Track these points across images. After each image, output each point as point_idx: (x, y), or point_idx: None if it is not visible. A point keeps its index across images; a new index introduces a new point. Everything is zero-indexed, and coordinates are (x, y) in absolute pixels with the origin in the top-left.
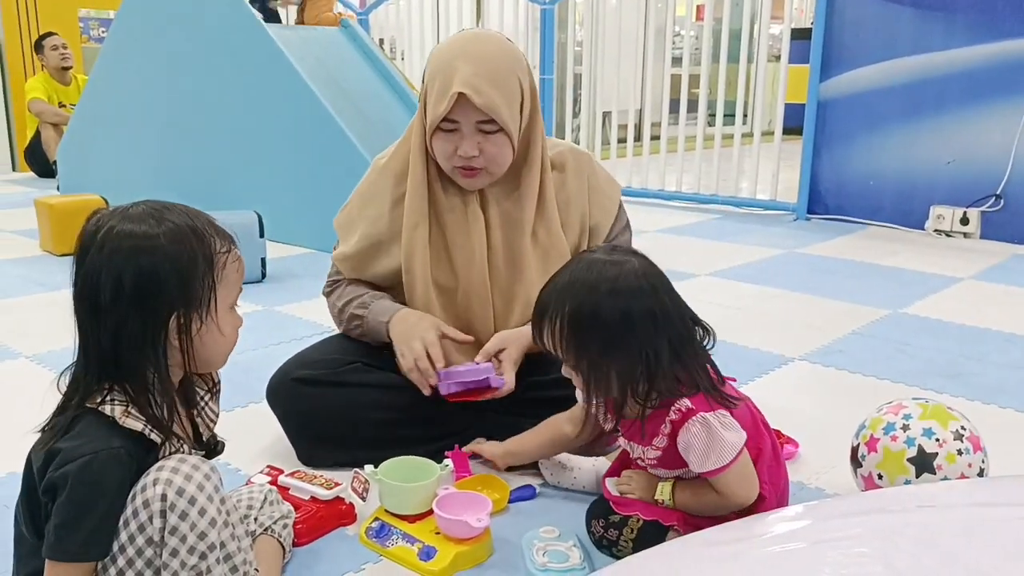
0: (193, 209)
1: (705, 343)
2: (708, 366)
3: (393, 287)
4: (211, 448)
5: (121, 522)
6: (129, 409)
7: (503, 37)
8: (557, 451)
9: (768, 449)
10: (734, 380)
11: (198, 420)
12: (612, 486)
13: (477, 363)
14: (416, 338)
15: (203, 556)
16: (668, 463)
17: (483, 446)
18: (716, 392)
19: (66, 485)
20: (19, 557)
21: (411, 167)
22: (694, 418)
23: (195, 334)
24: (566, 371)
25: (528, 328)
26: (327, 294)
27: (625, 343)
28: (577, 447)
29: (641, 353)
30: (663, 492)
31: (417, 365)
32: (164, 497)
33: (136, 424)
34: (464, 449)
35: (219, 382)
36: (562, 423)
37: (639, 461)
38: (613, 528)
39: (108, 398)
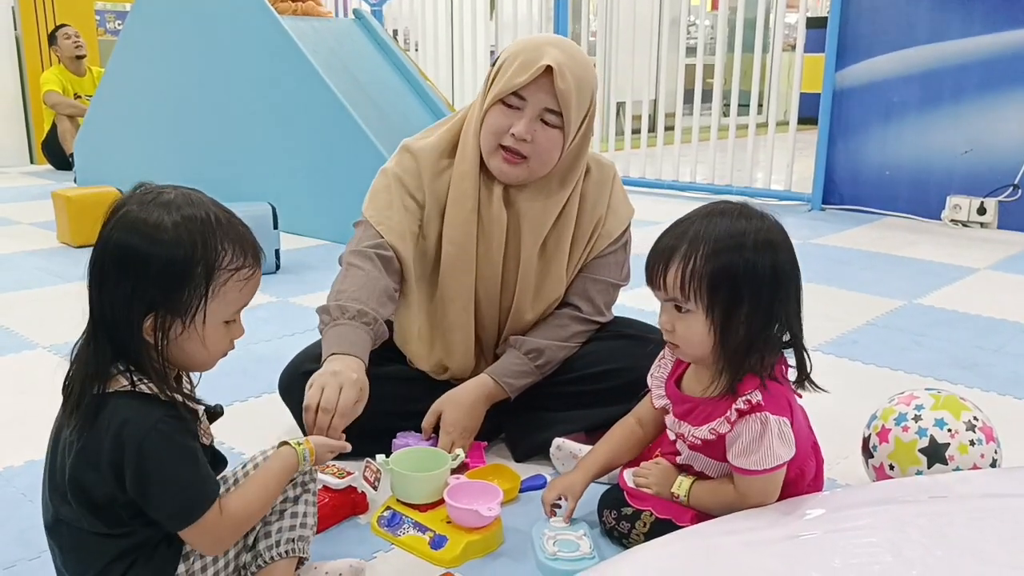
0: (224, 213)
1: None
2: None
3: (394, 250)
4: (213, 413)
5: None
6: (146, 382)
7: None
8: (634, 456)
9: (810, 474)
10: None
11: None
12: (628, 477)
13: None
14: (335, 385)
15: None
16: (710, 450)
17: (561, 489)
18: (809, 380)
19: (146, 460)
20: (82, 560)
21: (461, 147)
22: (758, 415)
23: (173, 338)
24: (668, 320)
25: (478, 390)
26: (347, 261)
27: (763, 306)
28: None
29: (786, 313)
30: (681, 487)
31: (318, 406)
32: None
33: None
34: (547, 505)
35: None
36: (633, 427)
37: (680, 440)
38: (625, 521)
39: (137, 379)
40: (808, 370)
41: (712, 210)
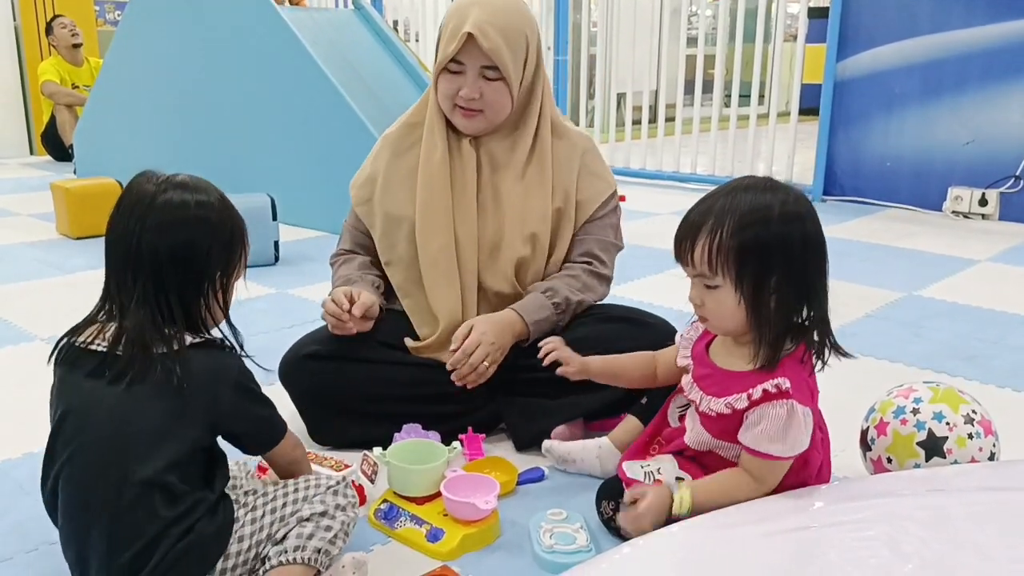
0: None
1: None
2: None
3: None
4: None
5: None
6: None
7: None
8: (635, 384)
9: (816, 462)
10: None
11: None
12: (627, 468)
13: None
14: (347, 289)
15: None
16: (720, 428)
17: (563, 352)
18: (837, 348)
19: (240, 388)
20: (125, 538)
21: (429, 109)
22: (784, 401)
23: (223, 295)
24: (698, 295)
25: (505, 315)
26: (332, 264)
27: (793, 278)
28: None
29: (818, 289)
30: (683, 505)
31: (332, 299)
32: None
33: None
34: (547, 354)
35: None
36: (653, 360)
37: (693, 410)
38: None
39: (199, 337)
40: (832, 340)
41: (738, 185)
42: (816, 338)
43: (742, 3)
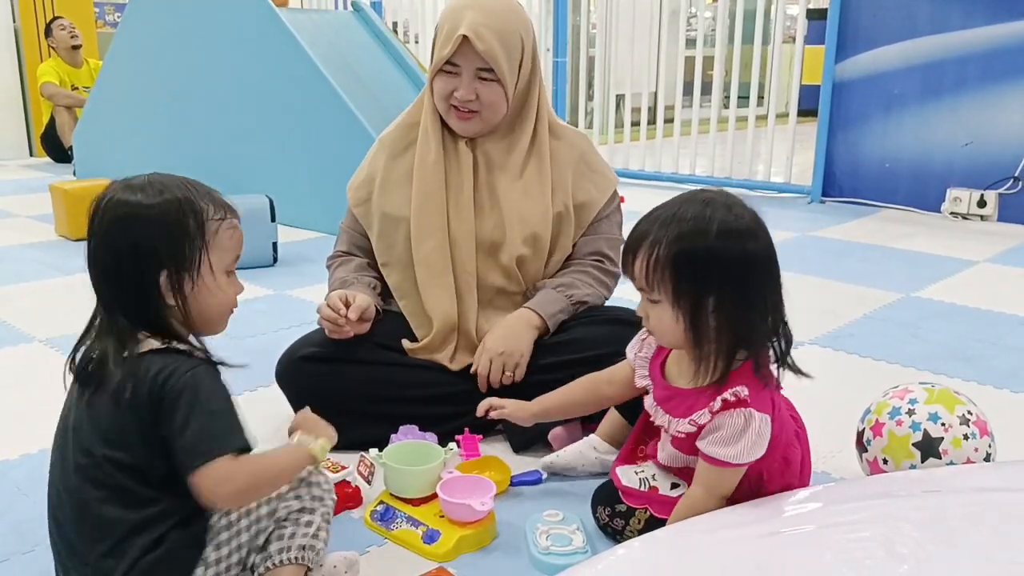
0: (192, 181)
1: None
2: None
3: (384, 225)
4: None
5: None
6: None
7: (514, 0)
8: (590, 411)
9: (796, 462)
10: None
11: None
12: (623, 475)
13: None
14: (343, 293)
15: None
16: (690, 446)
17: (509, 408)
18: (792, 366)
19: (187, 394)
20: (90, 539)
21: (424, 111)
22: (742, 410)
23: (188, 293)
24: (643, 309)
25: (519, 316)
26: (328, 267)
27: (730, 295)
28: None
29: (759, 305)
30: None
31: (328, 304)
32: None
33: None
34: (490, 415)
35: None
36: (600, 383)
37: (663, 433)
38: (619, 518)
39: (155, 339)
40: (789, 357)
41: (687, 198)
42: (772, 354)
43: (741, 4)
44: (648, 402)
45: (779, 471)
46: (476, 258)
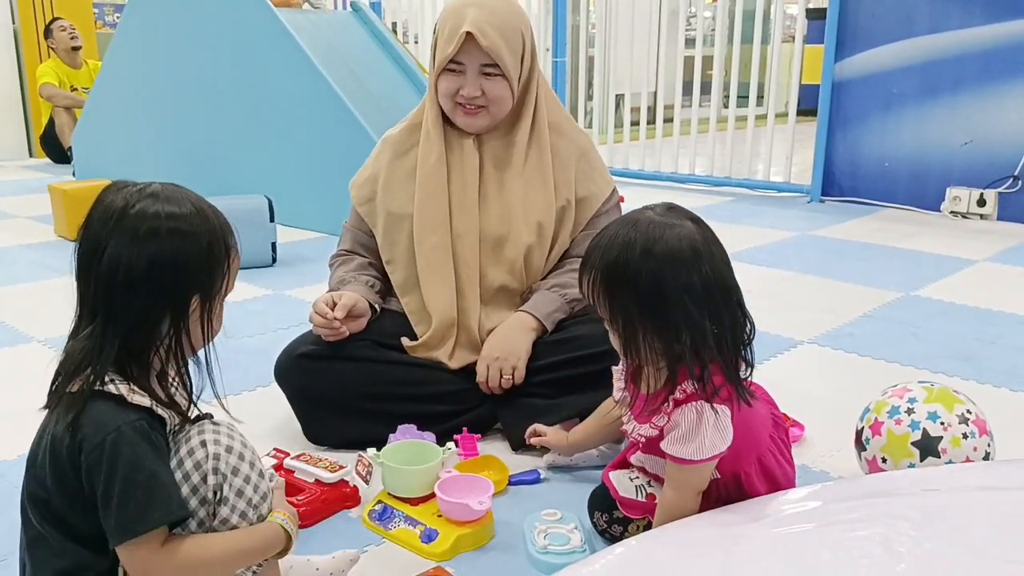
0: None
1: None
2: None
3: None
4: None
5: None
6: (132, 387)
7: None
8: (614, 435)
9: (754, 475)
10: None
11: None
12: (618, 483)
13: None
14: (334, 293)
15: (257, 506)
16: (654, 446)
17: (549, 436)
18: (740, 386)
19: (104, 464)
20: (36, 558)
21: (426, 112)
22: (693, 403)
23: (197, 321)
24: (607, 326)
25: (513, 321)
26: (330, 266)
27: (658, 310)
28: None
29: (678, 324)
30: None
31: (315, 311)
32: (217, 456)
33: (144, 400)
34: (532, 441)
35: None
36: (611, 404)
37: (636, 438)
38: (618, 524)
39: (107, 379)
40: (739, 380)
41: (624, 219)
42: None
43: (740, 4)
44: (624, 415)
45: (757, 473)
46: (480, 254)
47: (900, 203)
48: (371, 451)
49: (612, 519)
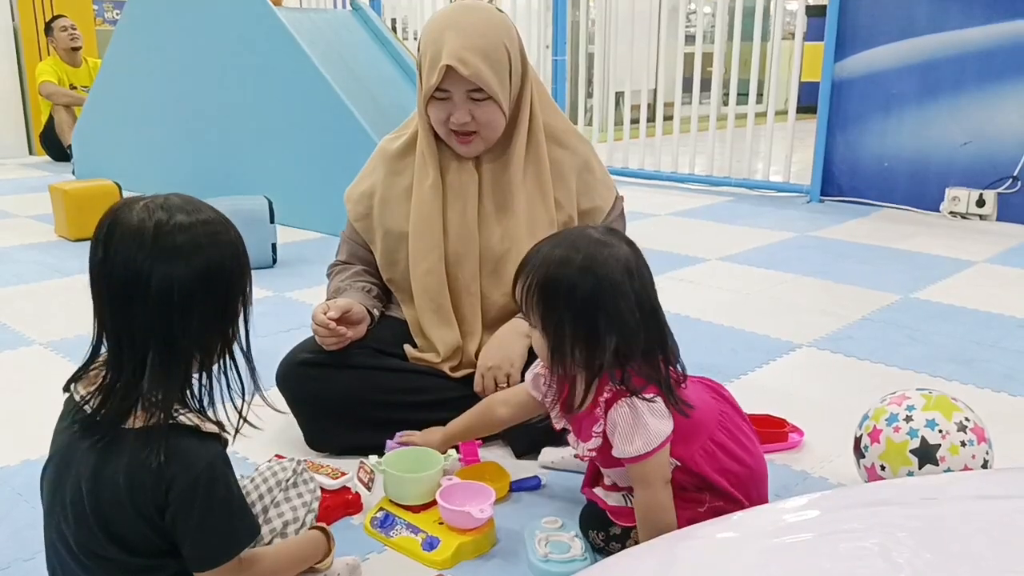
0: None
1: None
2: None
3: (385, 244)
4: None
5: None
6: (200, 416)
7: (492, 8)
8: (487, 432)
9: (716, 451)
10: (707, 381)
11: None
12: (604, 496)
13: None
14: (321, 308)
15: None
16: (607, 458)
17: (415, 437)
18: (672, 395)
19: (198, 502)
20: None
21: (419, 129)
22: (623, 399)
23: (245, 323)
24: (533, 334)
25: (508, 328)
26: (329, 276)
27: (585, 323)
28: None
29: (606, 336)
30: None
31: (314, 322)
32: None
33: (212, 428)
34: (397, 441)
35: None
36: (496, 405)
37: (587, 455)
38: (615, 541)
39: (171, 410)
40: (671, 390)
41: (566, 234)
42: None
43: (740, 1)
44: (571, 439)
45: (710, 454)
46: (480, 277)
47: (899, 203)
48: (373, 458)
49: (609, 536)
